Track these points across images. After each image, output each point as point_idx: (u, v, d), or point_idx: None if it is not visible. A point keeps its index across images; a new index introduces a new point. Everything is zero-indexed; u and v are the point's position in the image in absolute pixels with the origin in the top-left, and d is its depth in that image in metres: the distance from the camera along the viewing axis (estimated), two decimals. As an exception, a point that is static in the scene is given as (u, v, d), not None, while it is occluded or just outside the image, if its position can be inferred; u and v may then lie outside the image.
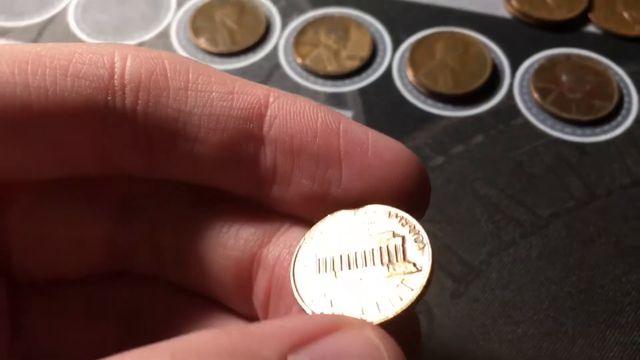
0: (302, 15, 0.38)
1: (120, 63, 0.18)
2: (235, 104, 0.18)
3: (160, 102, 0.18)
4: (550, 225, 0.30)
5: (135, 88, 0.18)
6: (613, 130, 0.33)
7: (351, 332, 0.14)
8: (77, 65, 0.17)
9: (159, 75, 0.18)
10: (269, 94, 0.18)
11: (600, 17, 0.38)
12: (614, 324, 0.28)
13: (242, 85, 0.18)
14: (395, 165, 0.18)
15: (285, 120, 0.18)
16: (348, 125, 0.18)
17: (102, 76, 0.17)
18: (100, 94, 0.17)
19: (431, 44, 0.37)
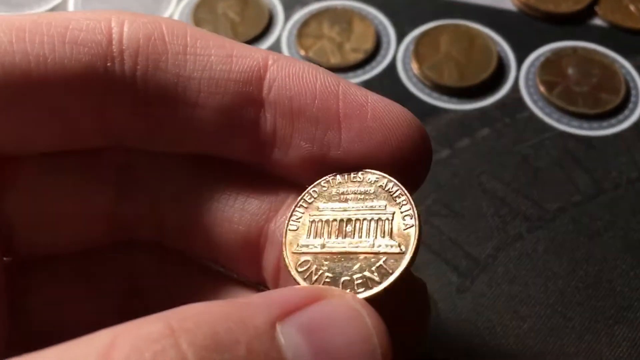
0: (305, 7, 0.38)
1: (117, 28, 0.17)
2: (234, 67, 0.18)
3: (159, 67, 0.17)
4: (557, 219, 0.30)
5: (134, 53, 0.17)
6: (620, 124, 0.33)
7: (334, 300, 0.15)
8: (75, 32, 0.17)
9: (157, 39, 0.17)
10: (267, 56, 0.18)
11: (607, 9, 0.37)
12: (622, 319, 0.27)
13: (241, 48, 0.18)
14: (395, 128, 0.17)
15: (284, 83, 0.18)
16: (347, 87, 0.18)
17: (99, 42, 0.17)
18: (99, 60, 0.17)
19: (436, 37, 0.36)
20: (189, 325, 0.12)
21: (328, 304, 0.15)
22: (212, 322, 0.13)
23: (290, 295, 0.15)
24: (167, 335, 0.12)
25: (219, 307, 0.13)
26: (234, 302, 0.14)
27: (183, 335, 0.12)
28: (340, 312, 0.14)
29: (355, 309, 0.15)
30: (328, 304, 0.15)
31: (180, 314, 0.13)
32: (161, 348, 0.12)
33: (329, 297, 0.15)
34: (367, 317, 0.14)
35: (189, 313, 0.13)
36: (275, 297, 0.14)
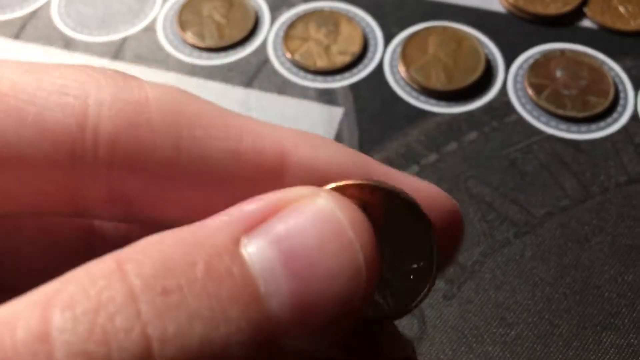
0: (292, 9, 0.38)
1: (95, 110, 0.14)
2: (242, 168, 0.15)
3: (143, 166, 0.15)
4: (544, 224, 0.30)
5: (111, 145, 0.14)
6: (609, 127, 0.33)
7: (303, 202, 0.13)
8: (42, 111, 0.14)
9: (143, 128, 0.14)
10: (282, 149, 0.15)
11: (596, 11, 0.37)
12: (610, 326, 0.27)
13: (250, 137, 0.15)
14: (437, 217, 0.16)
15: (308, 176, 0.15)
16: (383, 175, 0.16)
17: (69, 127, 0.14)
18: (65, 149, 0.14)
19: (423, 39, 0.36)
20: (137, 257, 0.11)
21: (297, 209, 0.13)
22: (164, 249, 0.12)
23: (252, 207, 0.13)
24: (114, 270, 0.11)
25: (172, 233, 0.12)
26: (190, 225, 0.13)
27: (130, 267, 0.11)
28: (311, 217, 0.13)
29: (329, 209, 0.13)
30: (297, 209, 0.13)
31: (130, 248, 0.12)
32: (107, 284, 0.11)
33: (297, 200, 0.13)
34: (341, 216, 0.13)
35: (140, 245, 0.12)
36: (235, 213, 0.13)
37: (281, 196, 0.13)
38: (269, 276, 0.12)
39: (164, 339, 0.11)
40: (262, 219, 0.13)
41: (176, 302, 0.11)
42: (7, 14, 0.38)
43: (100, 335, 0.11)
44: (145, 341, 0.11)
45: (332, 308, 0.12)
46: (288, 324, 0.12)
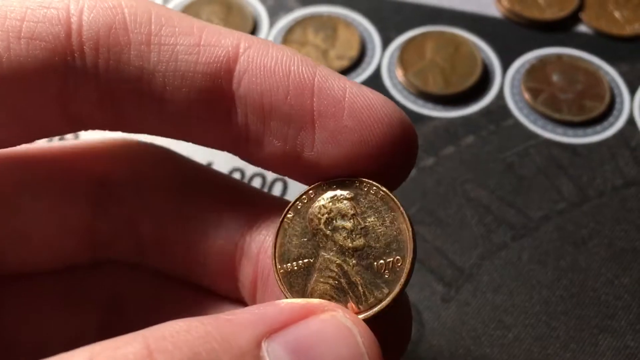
0: (290, 14, 0.38)
1: (76, 17, 0.16)
2: (201, 58, 0.16)
3: (122, 59, 0.16)
4: (541, 227, 0.30)
5: (94, 46, 0.16)
6: (604, 131, 0.33)
7: (323, 316, 0.14)
8: (30, 24, 0.16)
9: (119, 28, 0.16)
10: (239, 43, 0.17)
11: (592, 16, 0.37)
12: (607, 328, 0.27)
13: (209, 34, 0.17)
14: (373, 126, 0.16)
15: (255, 76, 0.16)
16: (324, 80, 0.16)
17: (57, 34, 0.16)
18: (57, 55, 0.16)
19: (421, 44, 0.36)
20: (167, 346, 0.12)
21: (317, 321, 0.14)
22: (193, 341, 0.12)
23: (277, 311, 0.14)
24: (145, 357, 0.12)
25: (200, 324, 0.13)
26: (216, 318, 0.13)
27: (161, 357, 0.12)
28: (330, 330, 0.14)
29: (347, 326, 0.14)
30: (317, 321, 0.14)
31: (159, 333, 0.12)
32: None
33: (318, 313, 0.14)
34: (358, 335, 0.14)
35: (167, 332, 0.12)
36: (261, 314, 0.14)
37: (304, 306, 0.14)
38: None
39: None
40: (284, 324, 0.14)
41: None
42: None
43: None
44: None
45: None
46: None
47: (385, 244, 0.16)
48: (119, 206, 0.20)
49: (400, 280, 0.16)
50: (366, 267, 0.16)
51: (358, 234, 0.16)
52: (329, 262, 0.16)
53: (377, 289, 0.16)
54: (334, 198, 0.17)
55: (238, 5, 0.38)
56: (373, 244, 0.16)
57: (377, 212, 0.16)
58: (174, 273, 0.20)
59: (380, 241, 0.16)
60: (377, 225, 0.16)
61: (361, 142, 0.16)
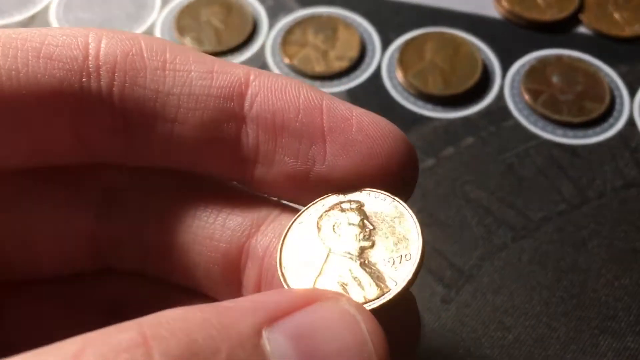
0: (289, 15, 0.38)
1: (94, 44, 0.17)
2: (214, 82, 0.17)
3: (137, 82, 0.17)
4: (541, 228, 0.30)
5: (111, 69, 0.17)
6: (604, 132, 0.33)
7: (327, 303, 0.14)
8: (50, 47, 0.17)
9: (135, 55, 0.17)
10: (249, 72, 0.18)
11: (591, 17, 0.37)
12: (607, 329, 0.27)
13: (221, 64, 0.18)
14: (380, 140, 0.17)
15: (267, 98, 0.17)
16: (331, 101, 0.17)
17: (75, 57, 0.17)
18: (74, 76, 0.17)
19: (421, 45, 0.36)
20: (163, 333, 0.12)
21: (320, 308, 0.14)
22: (190, 329, 0.12)
23: (279, 298, 0.14)
24: (139, 344, 0.11)
25: (199, 312, 0.12)
26: (215, 306, 0.13)
27: (156, 344, 0.11)
28: (332, 317, 0.13)
29: (351, 313, 0.14)
30: (320, 308, 0.14)
31: (155, 320, 0.12)
32: (130, 358, 0.11)
33: (321, 300, 0.14)
34: (362, 322, 0.13)
35: (164, 319, 0.12)
36: (262, 300, 0.13)
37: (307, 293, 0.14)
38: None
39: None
40: (288, 312, 0.13)
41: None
42: (6, 18, 0.38)
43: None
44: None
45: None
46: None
47: (394, 243, 0.16)
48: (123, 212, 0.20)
49: (409, 274, 0.16)
50: (374, 264, 0.16)
51: (366, 236, 0.17)
52: (336, 262, 0.16)
53: (383, 282, 0.16)
54: (342, 205, 0.18)
55: (238, 6, 0.38)
56: (381, 244, 0.16)
57: (385, 215, 0.17)
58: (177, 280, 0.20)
59: (389, 241, 0.16)
60: (385, 227, 0.17)
61: (370, 154, 0.17)
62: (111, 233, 0.20)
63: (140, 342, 0.11)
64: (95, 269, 0.20)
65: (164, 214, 0.19)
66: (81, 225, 0.19)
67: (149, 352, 0.11)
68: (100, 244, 0.20)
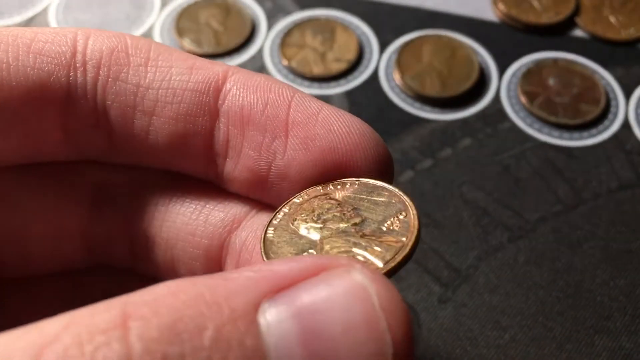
0: (288, 17, 0.38)
1: (82, 41, 0.18)
2: (192, 77, 0.18)
3: (120, 77, 0.18)
4: (537, 229, 0.30)
5: (96, 64, 0.18)
6: (600, 134, 0.33)
7: (336, 273, 0.12)
8: (39, 43, 0.17)
9: (120, 52, 0.18)
10: (228, 69, 0.18)
11: (587, 21, 0.38)
12: (602, 329, 0.27)
13: (203, 62, 0.18)
14: (344, 135, 0.17)
15: (239, 92, 0.18)
16: (302, 97, 0.18)
17: (64, 53, 0.17)
18: (62, 70, 0.17)
19: (418, 47, 0.36)
20: (145, 313, 0.10)
21: (327, 279, 0.12)
22: (177, 306, 0.11)
23: (282, 268, 0.12)
24: (117, 326, 0.10)
25: (191, 285, 0.11)
26: (211, 277, 0.11)
27: (135, 325, 0.10)
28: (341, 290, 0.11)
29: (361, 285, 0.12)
30: (327, 279, 0.12)
31: (140, 298, 0.11)
32: (105, 341, 0.10)
33: (330, 269, 0.12)
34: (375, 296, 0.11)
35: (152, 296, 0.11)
36: (265, 270, 0.12)
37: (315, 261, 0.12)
38: (284, 353, 0.11)
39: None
40: (290, 283, 0.12)
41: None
42: (5, 19, 0.38)
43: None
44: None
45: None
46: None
47: (382, 210, 0.16)
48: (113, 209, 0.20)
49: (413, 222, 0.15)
50: (372, 232, 0.16)
51: (352, 214, 0.16)
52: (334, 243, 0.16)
53: (393, 240, 0.15)
54: (317, 196, 0.17)
55: (236, 8, 0.38)
56: (370, 215, 0.16)
57: (363, 193, 0.17)
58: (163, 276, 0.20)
59: (377, 210, 0.16)
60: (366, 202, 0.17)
61: (330, 149, 0.17)
62: (102, 229, 0.20)
63: (118, 323, 0.10)
64: (88, 266, 0.20)
65: (150, 210, 0.20)
66: (72, 221, 0.20)
67: (126, 335, 0.10)
68: (92, 240, 0.20)
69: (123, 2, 0.39)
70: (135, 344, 0.10)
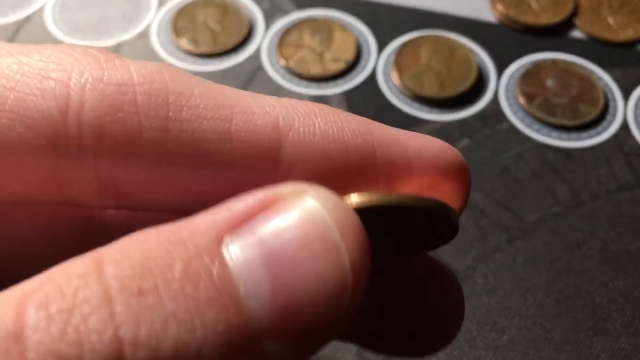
0: (286, 17, 0.38)
1: (76, 94, 0.14)
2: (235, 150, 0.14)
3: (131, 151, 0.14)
4: (536, 230, 0.30)
5: (96, 131, 0.13)
6: (599, 135, 0.33)
7: (290, 201, 0.12)
8: (21, 95, 0.13)
9: (128, 113, 0.14)
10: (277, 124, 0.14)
11: (586, 22, 0.38)
12: (601, 330, 0.27)
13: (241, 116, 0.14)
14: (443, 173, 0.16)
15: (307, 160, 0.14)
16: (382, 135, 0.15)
17: (49, 112, 0.13)
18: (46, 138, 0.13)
19: (416, 47, 0.36)
20: (117, 257, 0.11)
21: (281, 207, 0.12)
22: (145, 248, 0.11)
23: (239, 204, 0.12)
24: (92, 270, 0.11)
25: (155, 231, 0.12)
26: (175, 223, 0.12)
27: (109, 267, 0.11)
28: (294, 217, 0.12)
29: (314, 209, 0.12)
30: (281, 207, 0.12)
31: (112, 246, 0.12)
32: (83, 283, 0.11)
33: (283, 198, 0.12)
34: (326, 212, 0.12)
35: (121, 244, 0.12)
36: (221, 210, 0.12)
37: (269, 193, 0.12)
38: (250, 277, 0.11)
39: (136, 341, 0.11)
40: (249, 217, 0.12)
41: (151, 303, 0.11)
42: (1, 18, 0.38)
43: (73, 336, 0.10)
44: (118, 343, 0.10)
45: (314, 313, 0.12)
46: (268, 327, 0.11)
47: None
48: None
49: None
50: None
51: None
52: None
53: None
54: None
55: (234, 8, 0.38)
56: None
57: None
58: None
59: None
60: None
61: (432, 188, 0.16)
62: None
63: (93, 268, 0.11)
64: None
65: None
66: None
67: (102, 275, 0.11)
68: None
69: (120, 1, 0.39)
70: (111, 282, 0.11)
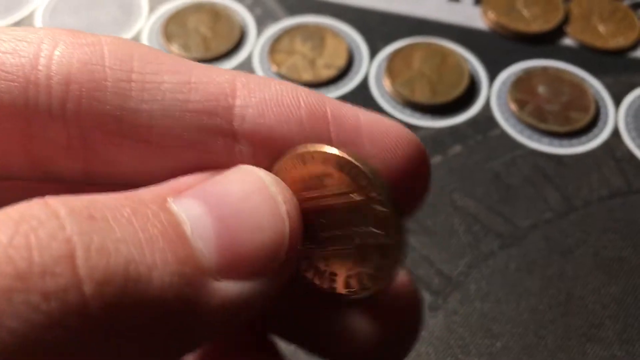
0: (277, 23, 0.38)
1: (47, 51, 0.14)
2: (193, 96, 0.15)
3: (96, 97, 0.14)
4: (528, 236, 0.30)
5: (64, 81, 0.14)
6: (590, 142, 0.33)
7: (237, 170, 0.14)
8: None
9: (95, 64, 0.14)
10: (234, 79, 0.15)
11: (576, 30, 0.38)
12: (594, 337, 0.27)
13: (200, 71, 0.15)
14: (394, 150, 0.15)
15: (261, 110, 0.15)
16: (337, 109, 0.15)
17: (21, 65, 0.14)
18: (18, 89, 0.14)
19: (408, 54, 0.36)
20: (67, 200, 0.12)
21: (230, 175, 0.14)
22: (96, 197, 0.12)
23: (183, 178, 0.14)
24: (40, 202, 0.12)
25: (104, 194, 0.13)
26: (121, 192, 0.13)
27: (57, 201, 0.12)
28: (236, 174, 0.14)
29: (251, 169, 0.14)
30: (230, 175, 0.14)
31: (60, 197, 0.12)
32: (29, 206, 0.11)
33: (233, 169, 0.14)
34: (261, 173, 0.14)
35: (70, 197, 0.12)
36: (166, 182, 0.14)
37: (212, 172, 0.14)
38: (195, 220, 0.13)
39: (88, 248, 0.11)
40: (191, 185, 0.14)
41: (102, 226, 0.11)
42: (-9, 23, 0.37)
43: (22, 240, 0.11)
44: (69, 246, 0.11)
45: (257, 253, 0.13)
46: (214, 263, 0.12)
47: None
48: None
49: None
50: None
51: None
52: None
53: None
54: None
55: (226, 14, 0.38)
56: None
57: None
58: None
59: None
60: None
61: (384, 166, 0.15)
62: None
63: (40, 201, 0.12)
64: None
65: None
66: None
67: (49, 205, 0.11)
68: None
69: (111, 7, 0.39)
70: (59, 209, 0.11)
